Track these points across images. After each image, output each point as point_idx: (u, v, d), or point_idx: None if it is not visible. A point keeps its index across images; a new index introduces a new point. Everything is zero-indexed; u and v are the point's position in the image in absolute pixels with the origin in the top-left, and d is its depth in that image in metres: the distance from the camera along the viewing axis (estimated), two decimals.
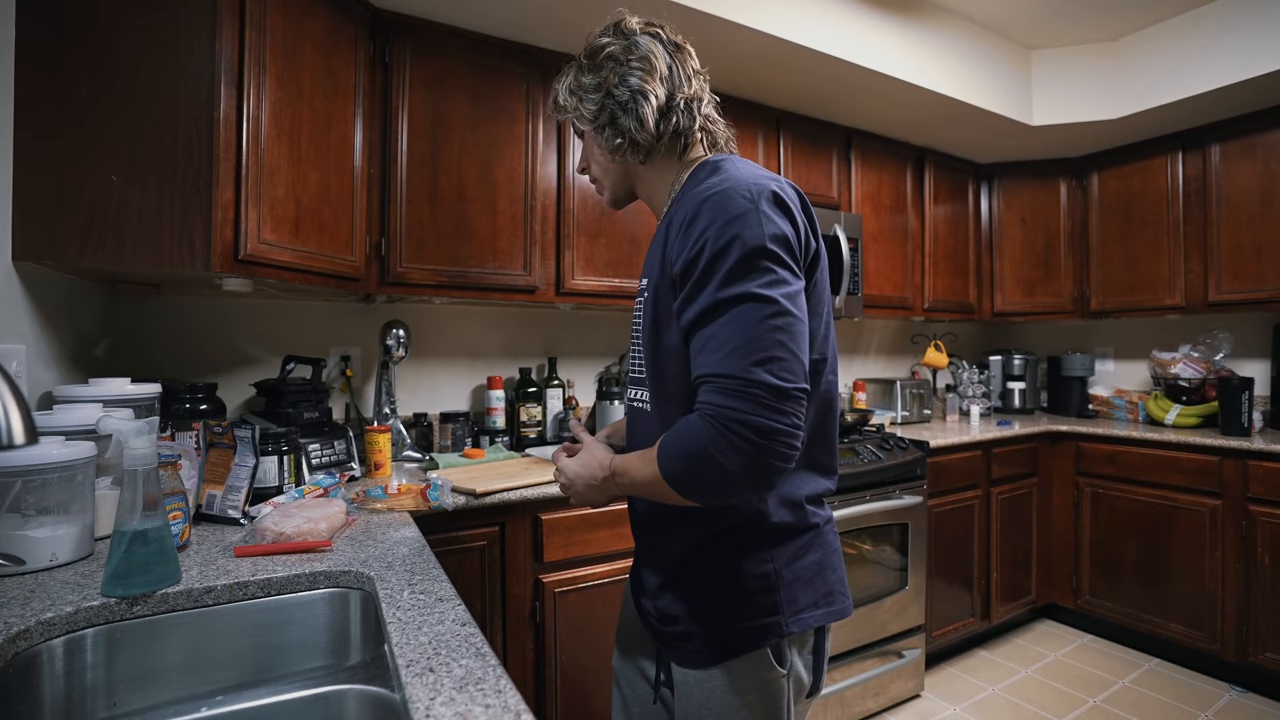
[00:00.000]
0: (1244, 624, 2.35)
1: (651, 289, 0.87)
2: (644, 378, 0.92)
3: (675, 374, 0.85)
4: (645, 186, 0.99)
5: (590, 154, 1.01)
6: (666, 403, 0.88)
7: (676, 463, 0.76)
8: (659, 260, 0.86)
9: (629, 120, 0.90)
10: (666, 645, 0.94)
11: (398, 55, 1.80)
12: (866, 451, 2.23)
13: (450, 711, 0.59)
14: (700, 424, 0.73)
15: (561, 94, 0.98)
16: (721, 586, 0.87)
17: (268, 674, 0.93)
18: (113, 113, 1.25)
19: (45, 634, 0.80)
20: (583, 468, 0.94)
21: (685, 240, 0.78)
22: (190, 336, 1.82)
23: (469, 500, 1.53)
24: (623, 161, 0.96)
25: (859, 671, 2.15)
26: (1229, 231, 2.67)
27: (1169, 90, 2.53)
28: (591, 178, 1.04)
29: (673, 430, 0.78)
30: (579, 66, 0.96)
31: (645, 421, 0.93)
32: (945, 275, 3.10)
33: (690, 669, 0.90)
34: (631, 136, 0.90)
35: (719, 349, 0.73)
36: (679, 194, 0.90)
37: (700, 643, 0.88)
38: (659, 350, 0.87)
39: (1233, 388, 2.56)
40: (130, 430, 0.87)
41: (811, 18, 2.11)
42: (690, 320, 0.77)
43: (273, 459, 1.41)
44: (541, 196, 2.01)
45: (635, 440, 0.97)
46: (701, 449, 0.72)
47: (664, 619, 0.93)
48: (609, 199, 1.03)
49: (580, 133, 1.00)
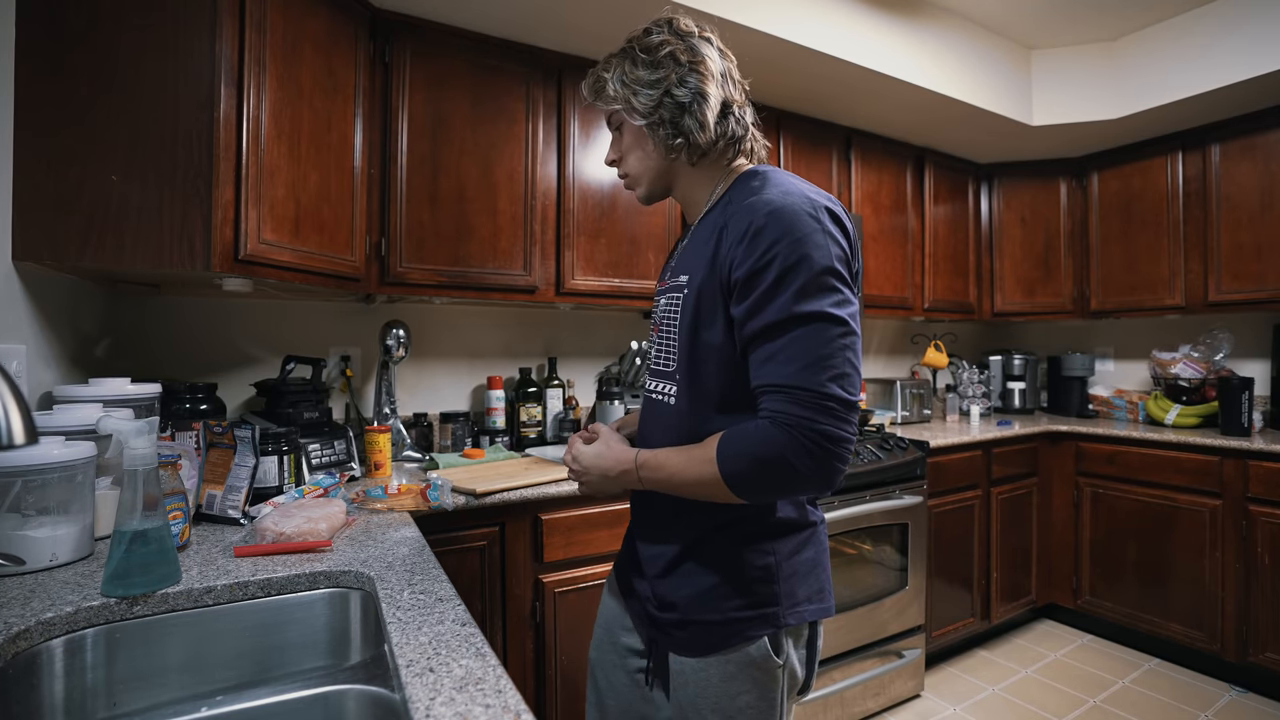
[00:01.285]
0: (1244, 624, 2.35)
1: (694, 287, 0.89)
2: (671, 371, 0.93)
3: (713, 371, 0.88)
4: (686, 188, 0.99)
5: (628, 148, 0.99)
6: (698, 398, 0.90)
7: (743, 463, 0.80)
8: (707, 260, 0.88)
9: (690, 121, 0.91)
10: (662, 633, 0.94)
11: (398, 55, 1.80)
12: (866, 451, 2.23)
13: (450, 711, 0.59)
14: (775, 431, 0.78)
15: (612, 84, 0.95)
16: (723, 576, 0.90)
17: (268, 674, 0.93)
18: (112, 112, 1.25)
19: (45, 634, 0.80)
20: (599, 458, 0.95)
21: (751, 249, 0.81)
22: (190, 336, 1.82)
23: (469, 500, 1.52)
24: (672, 161, 0.96)
25: (859, 671, 2.15)
26: (1229, 231, 2.67)
27: (1169, 90, 2.53)
28: (623, 172, 1.02)
29: (736, 433, 0.81)
30: (631, 59, 0.94)
31: (666, 414, 0.94)
32: (945, 275, 3.10)
33: (687, 657, 0.91)
34: (692, 138, 0.92)
35: (791, 362, 0.78)
36: (725, 199, 0.92)
37: (698, 630, 0.90)
38: (697, 346, 0.89)
39: (1233, 388, 2.56)
40: (130, 430, 0.87)
41: (811, 18, 2.11)
42: (757, 329, 0.81)
43: (273, 459, 1.41)
44: (541, 196, 2.01)
45: (651, 431, 0.97)
46: (777, 453, 0.77)
47: (663, 605, 0.94)
48: (644, 194, 1.01)
49: (618, 125, 0.99)
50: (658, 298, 1.02)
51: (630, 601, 1.05)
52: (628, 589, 1.05)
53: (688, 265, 0.93)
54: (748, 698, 0.90)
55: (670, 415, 0.93)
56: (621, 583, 1.08)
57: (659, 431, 0.95)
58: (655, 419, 0.97)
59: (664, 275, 1.04)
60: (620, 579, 1.09)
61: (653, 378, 0.99)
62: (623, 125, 0.99)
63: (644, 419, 1.01)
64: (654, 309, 1.03)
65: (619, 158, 1.02)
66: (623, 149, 1.00)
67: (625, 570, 1.07)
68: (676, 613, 0.92)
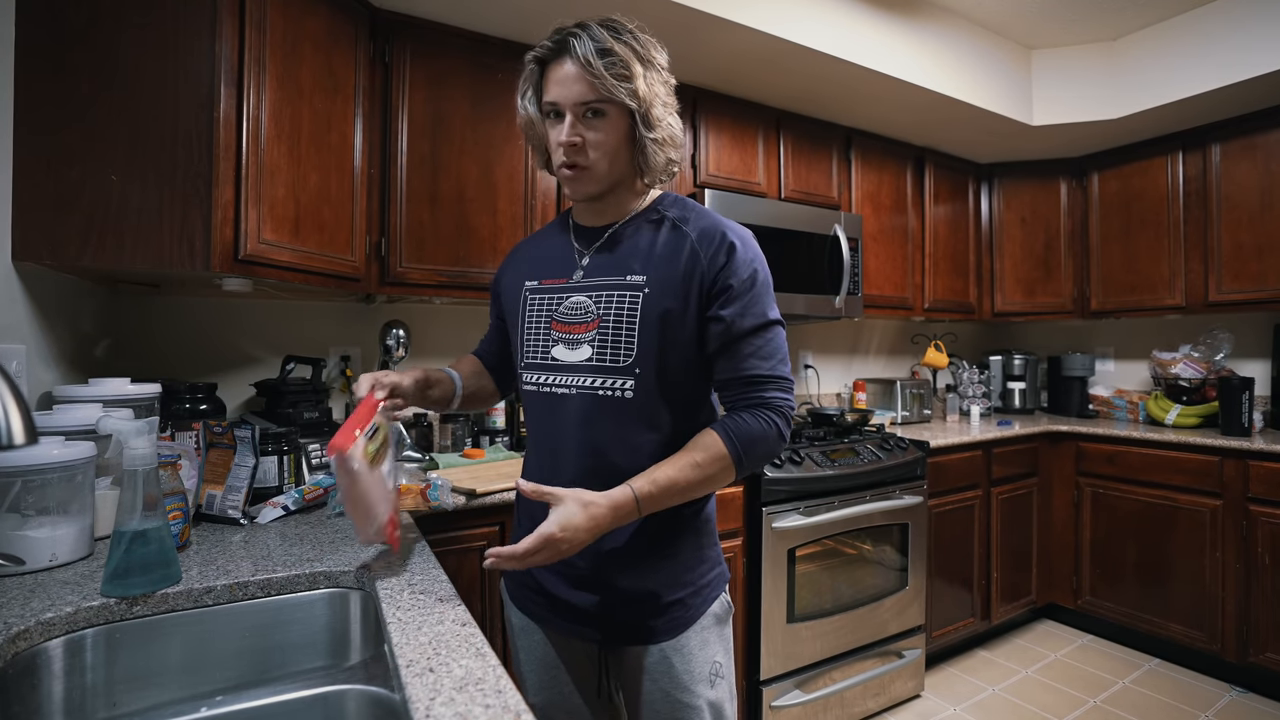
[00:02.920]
0: (1244, 624, 2.35)
1: (658, 286, 0.93)
2: (625, 365, 0.92)
3: (678, 365, 0.94)
4: (624, 194, 1.00)
5: (601, 141, 0.91)
6: (666, 392, 0.93)
7: (757, 452, 0.91)
8: (680, 266, 0.93)
9: (674, 153, 0.97)
10: (629, 630, 0.96)
11: (398, 55, 1.80)
12: (866, 451, 2.23)
13: (450, 711, 0.59)
14: (775, 417, 0.91)
15: (648, 82, 0.90)
16: (686, 548, 0.97)
17: (268, 674, 0.93)
18: (112, 111, 1.25)
19: (45, 634, 0.80)
20: (593, 523, 0.84)
21: (732, 260, 0.92)
22: (190, 336, 1.82)
23: (469, 500, 1.52)
24: (634, 166, 0.96)
25: (859, 671, 2.15)
26: (1229, 231, 2.67)
27: (1169, 90, 2.53)
28: (584, 160, 0.92)
29: (745, 428, 0.90)
30: (653, 69, 0.92)
31: (617, 408, 0.92)
32: (945, 275, 3.10)
33: (664, 641, 0.94)
34: (657, 164, 0.96)
35: (772, 356, 0.93)
36: (663, 214, 0.99)
37: (676, 609, 0.95)
38: (666, 344, 0.92)
39: (1233, 388, 2.56)
40: (130, 430, 0.87)
41: (811, 17, 2.10)
42: (745, 329, 0.92)
43: (273, 459, 1.40)
44: (541, 196, 2.01)
45: (598, 430, 0.93)
46: (777, 435, 0.92)
47: (632, 600, 0.95)
48: (593, 189, 0.95)
49: (601, 113, 0.90)
50: (576, 294, 0.97)
51: (560, 621, 1.00)
52: (554, 609, 1.00)
53: (643, 265, 0.94)
54: (720, 656, 0.98)
55: (625, 409, 0.92)
56: (540, 607, 1.02)
57: (610, 428, 0.92)
58: (602, 416, 0.93)
59: (572, 273, 0.99)
60: (540, 602, 1.02)
61: (595, 373, 0.93)
62: (608, 115, 0.90)
63: (577, 419, 0.94)
64: (557, 305, 0.99)
65: (582, 140, 0.91)
66: (592, 139, 0.91)
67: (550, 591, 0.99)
68: (653, 602, 0.94)
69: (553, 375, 0.97)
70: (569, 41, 0.89)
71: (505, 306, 1.11)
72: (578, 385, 0.95)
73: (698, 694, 0.95)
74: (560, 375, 0.96)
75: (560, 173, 0.95)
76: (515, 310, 1.06)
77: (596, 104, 0.90)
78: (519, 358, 1.04)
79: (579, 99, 0.89)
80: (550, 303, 1.00)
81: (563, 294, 0.99)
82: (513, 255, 1.15)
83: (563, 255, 1.03)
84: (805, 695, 2.01)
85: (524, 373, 1.02)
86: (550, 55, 0.92)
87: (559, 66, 0.91)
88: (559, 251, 1.04)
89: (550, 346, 0.98)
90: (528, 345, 1.02)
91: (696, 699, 0.95)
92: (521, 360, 1.03)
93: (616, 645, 0.98)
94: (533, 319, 1.02)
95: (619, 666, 1.00)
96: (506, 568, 0.82)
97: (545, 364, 0.98)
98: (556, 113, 0.92)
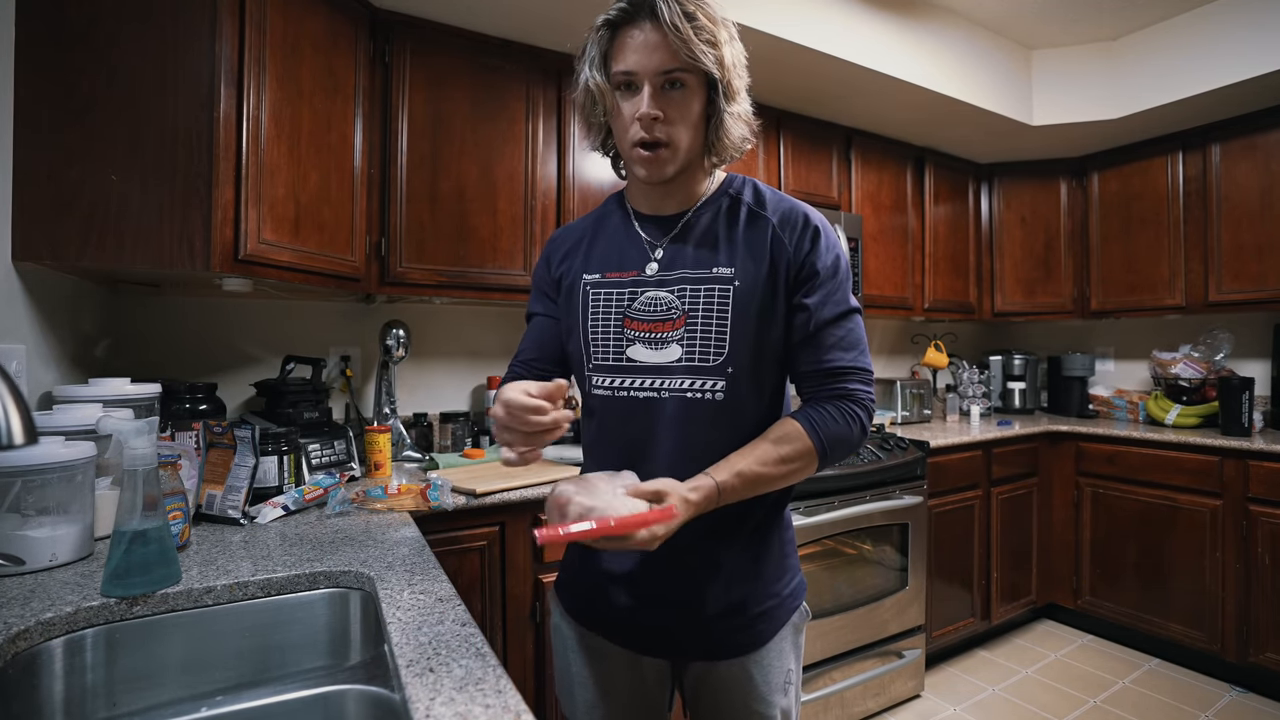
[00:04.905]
0: (1244, 624, 2.35)
1: (745, 278, 0.87)
2: (716, 365, 0.86)
3: (771, 362, 0.89)
4: (695, 177, 0.92)
5: (682, 116, 0.84)
6: (753, 390, 0.88)
7: (840, 445, 0.86)
8: (764, 254, 0.87)
9: (747, 130, 0.91)
10: (715, 645, 0.90)
11: (397, 55, 1.80)
12: (866, 451, 2.23)
13: (450, 711, 0.59)
14: (859, 411, 0.86)
15: (732, 50, 0.85)
16: (771, 558, 0.93)
17: (268, 674, 0.93)
18: (112, 111, 1.25)
19: (45, 634, 0.80)
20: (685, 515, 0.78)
21: (816, 245, 0.88)
22: (190, 336, 1.82)
23: (469, 500, 1.52)
24: (706, 142, 0.89)
25: (859, 671, 2.15)
26: (1229, 231, 2.67)
27: (1169, 90, 2.53)
28: (665, 136, 0.84)
29: (830, 421, 0.85)
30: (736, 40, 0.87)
31: (708, 410, 0.86)
32: (945, 275, 3.10)
33: (748, 654, 0.91)
34: (732, 144, 0.89)
35: (855, 347, 0.88)
36: (736, 198, 0.93)
37: (761, 620, 0.91)
38: (757, 340, 0.87)
39: (1233, 388, 2.56)
40: (130, 430, 0.87)
41: (811, 17, 2.10)
42: (828, 318, 0.87)
43: (273, 459, 1.40)
44: (541, 196, 2.01)
45: (690, 432, 0.86)
46: (860, 427, 0.87)
47: (723, 614, 0.89)
48: (671, 170, 0.86)
49: (681, 84, 0.83)
50: (652, 289, 0.90)
51: (631, 636, 0.93)
52: (627, 624, 0.93)
53: (721, 256, 0.87)
54: (793, 664, 0.95)
55: (715, 411, 0.86)
56: (609, 622, 0.94)
57: (701, 432, 0.86)
58: (692, 419, 0.87)
59: (644, 265, 0.91)
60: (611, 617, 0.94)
61: (681, 374, 0.87)
62: (688, 87, 0.83)
63: (668, 424, 0.87)
64: (630, 301, 0.91)
65: (664, 115, 0.83)
66: (674, 114, 0.84)
67: (622, 604, 0.93)
68: (740, 616, 0.89)
69: (632, 378, 0.89)
70: (653, 2, 0.80)
71: (557, 303, 0.99)
72: (670, 389, 0.87)
73: (773, 704, 0.92)
74: (643, 378, 0.88)
75: (635, 153, 0.85)
76: (571, 307, 0.95)
77: (680, 73, 0.81)
78: (585, 360, 0.94)
79: (660, 67, 0.81)
80: (620, 299, 0.91)
81: (635, 289, 0.90)
82: (554, 245, 1.02)
83: (629, 246, 0.93)
84: (805, 695, 2.01)
85: (593, 375, 0.93)
86: (624, 18, 0.83)
87: (635, 31, 0.82)
88: (623, 242, 0.94)
89: (625, 346, 0.90)
90: (595, 345, 0.92)
91: (772, 709, 0.92)
92: (589, 363, 0.93)
93: (694, 660, 0.93)
94: (598, 316, 0.92)
95: (692, 680, 0.95)
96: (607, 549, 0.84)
97: (620, 365, 0.90)
98: (630, 84, 0.83)
